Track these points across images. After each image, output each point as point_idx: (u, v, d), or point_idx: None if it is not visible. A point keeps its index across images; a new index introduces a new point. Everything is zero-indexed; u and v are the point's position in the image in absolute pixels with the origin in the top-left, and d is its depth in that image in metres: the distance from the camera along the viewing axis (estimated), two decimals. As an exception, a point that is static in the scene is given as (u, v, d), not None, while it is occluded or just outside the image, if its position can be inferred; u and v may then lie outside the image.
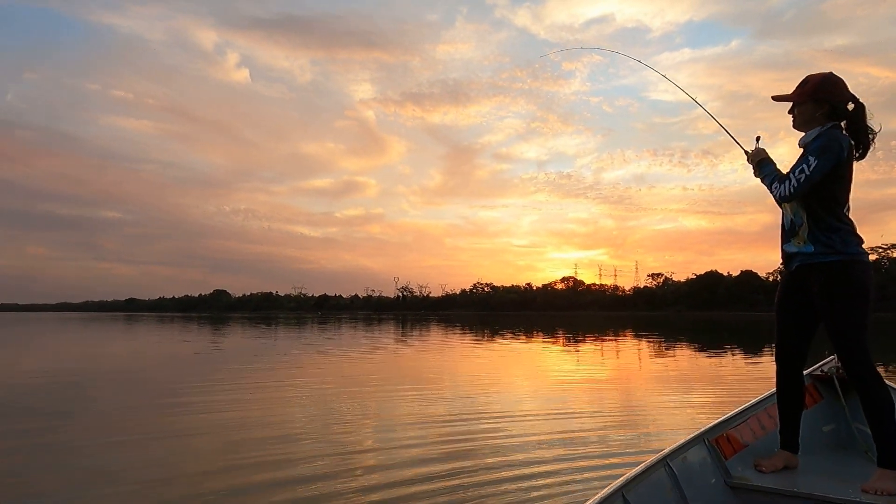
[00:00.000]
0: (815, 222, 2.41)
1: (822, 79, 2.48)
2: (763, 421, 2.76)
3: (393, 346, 18.63)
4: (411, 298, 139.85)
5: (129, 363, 13.21)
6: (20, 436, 5.53)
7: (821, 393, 3.08)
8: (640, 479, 2.09)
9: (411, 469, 4.28)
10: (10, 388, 8.86)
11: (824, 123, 2.46)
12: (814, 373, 3.11)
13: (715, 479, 2.38)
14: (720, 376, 10.08)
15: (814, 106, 2.47)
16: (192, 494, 3.77)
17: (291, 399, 7.71)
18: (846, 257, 2.35)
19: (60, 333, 28.87)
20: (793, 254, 2.52)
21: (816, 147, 2.38)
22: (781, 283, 2.64)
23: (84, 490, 3.88)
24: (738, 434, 2.62)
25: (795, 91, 2.54)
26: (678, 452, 2.33)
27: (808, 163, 2.36)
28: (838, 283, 2.35)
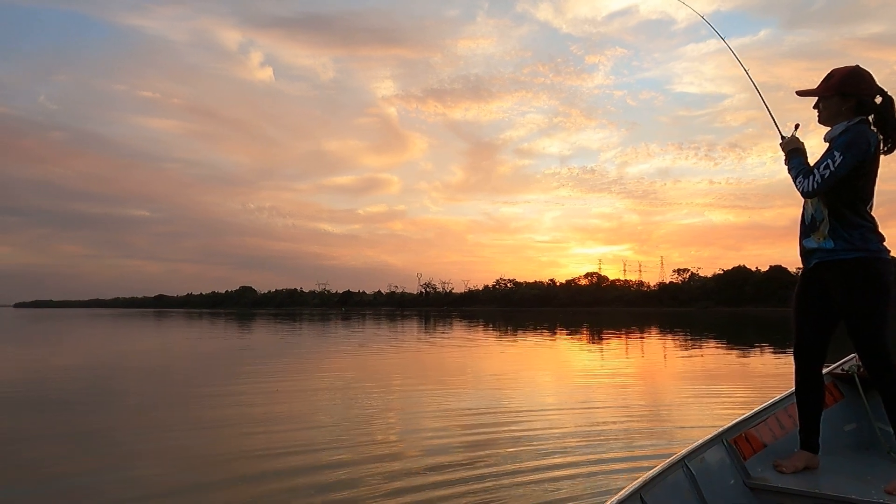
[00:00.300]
0: (836, 218, 2.37)
1: (848, 72, 2.43)
2: (782, 420, 2.72)
3: (416, 342, 18.74)
4: (434, 295, 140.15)
5: (160, 358, 13.54)
6: (58, 426, 5.75)
7: (841, 392, 3.03)
8: (658, 480, 2.07)
9: (434, 460, 4.34)
10: (49, 382, 9.16)
11: (851, 118, 2.40)
12: (834, 371, 3.06)
13: (734, 480, 2.35)
14: (747, 374, 9.93)
15: (840, 100, 2.41)
16: (221, 483, 3.89)
17: (317, 393, 7.84)
18: (867, 254, 2.31)
19: (94, 329, 29.67)
20: (812, 250, 2.47)
21: (842, 142, 2.33)
22: (800, 281, 2.60)
23: (116, 475, 4.03)
24: (757, 434, 2.58)
25: (821, 85, 2.49)
26: (696, 453, 2.30)
27: (833, 158, 2.31)
28: (859, 281, 2.31)
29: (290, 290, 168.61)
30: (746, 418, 2.61)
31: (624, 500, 1.86)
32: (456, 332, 25.30)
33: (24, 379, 9.56)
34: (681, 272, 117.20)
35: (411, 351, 15.29)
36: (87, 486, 3.89)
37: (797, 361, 2.60)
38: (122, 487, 3.85)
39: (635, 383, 8.89)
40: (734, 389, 8.04)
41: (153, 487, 3.85)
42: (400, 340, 19.80)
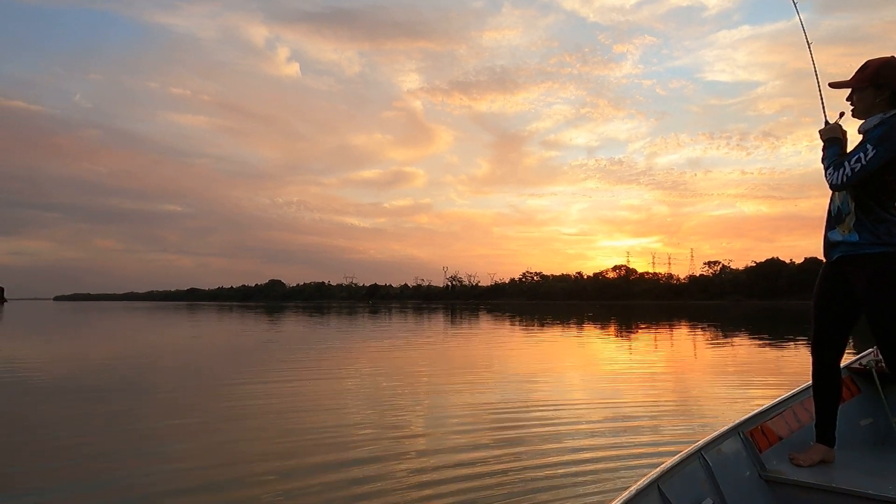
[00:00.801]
0: (863, 212, 2.34)
1: (883, 62, 2.38)
2: (799, 414, 2.72)
3: (443, 335, 18.82)
4: (460, 288, 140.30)
5: (196, 349, 13.88)
6: (95, 415, 5.97)
7: (858, 386, 3.02)
8: (675, 470, 2.08)
9: (461, 453, 4.39)
10: (91, 372, 9.48)
11: (886, 110, 2.35)
12: (851, 366, 3.03)
13: (749, 472, 2.35)
14: (779, 368, 9.73)
15: (874, 92, 2.37)
16: (250, 473, 3.99)
17: (346, 385, 7.95)
18: (892, 249, 2.28)
19: (132, 322, 30.54)
20: (837, 242, 2.44)
21: (876, 135, 2.28)
22: (821, 273, 2.57)
23: (151, 462, 4.17)
24: (773, 427, 2.58)
25: (855, 76, 2.44)
26: (713, 444, 2.31)
27: (865, 151, 2.27)
28: (883, 276, 2.28)
29: (318, 284, 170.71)
30: (763, 411, 2.61)
31: (641, 490, 1.88)
32: (483, 326, 25.32)
33: (68, 368, 9.91)
34: (711, 265, 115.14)
35: (438, 344, 15.37)
36: (124, 472, 4.03)
37: (815, 355, 2.59)
38: (157, 474, 3.98)
39: (663, 377, 8.80)
40: (765, 383, 7.89)
41: (186, 474, 3.98)
42: (427, 333, 19.91)
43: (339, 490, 3.65)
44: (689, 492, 2.07)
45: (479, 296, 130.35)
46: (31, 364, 10.86)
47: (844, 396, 2.81)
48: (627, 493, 1.84)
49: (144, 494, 3.63)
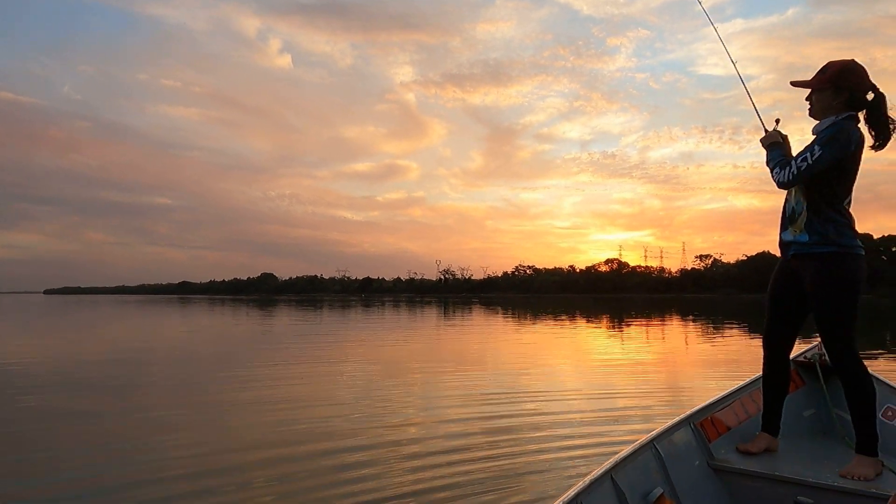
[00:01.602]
0: (813, 212, 2.41)
1: (843, 66, 2.42)
2: (747, 405, 2.82)
3: (436, 328, 18.88)
4: (453, 281, 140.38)
5: (188, 343, 13.87)
6: (96, 404, 5.98)
7: (803, 378, 3.13)
8: (628, 461, 2.16)
9: (447, 440, 4.45)
10: (85, 365, 9.47)
11: (840, 112, 2.40)
12: (797, 359, 3.15)
13: (699, 461, 2.45)
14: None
15: (833, 94, 2.41)
16: (243, 464, 4.03)
17: (338, 377, 7.99)
18: (840, 249, 2.36)
19: (123, 315, 30.39)
20: (789, 242, 2.52)
21: (825, 136, 2.34)
22: (776, 270, 2.66)
23: (141, 453, 4.21)
24: (722, 418, 2.68)
25: (815, 77, 2.48)
26: (665, 435, 2.40)
27: (812, 151, 2.34)
28: (830, 274, 2.36)
29: (311, 277, 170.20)
30: (713, 402, 2.72)
31: (595, 480, 1.95)
32: (475, 319, 25.40)
33: (63, 362, 9.89)
34: (703, 258, 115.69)
35: (431, 337, 15.42)
36: (112, 463, 4.08)
37: (766, 348, 2.68)
38: (149, 461, 4.03)
39: (653, 369, 8.89)
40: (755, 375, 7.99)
41: (179, 462, 4.02)
42: (420, 326, 19.96)
43: (331, 476, 3.70)
44: (641, 481, 2.15)
45: (472, 289, 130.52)
46: (19, 360, 10.81)
47: (789, 388, 2.92)
48: (581, 483, 1.90)
49: (134, 482, 3.66)
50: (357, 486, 3.52)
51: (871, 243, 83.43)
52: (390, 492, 3.38)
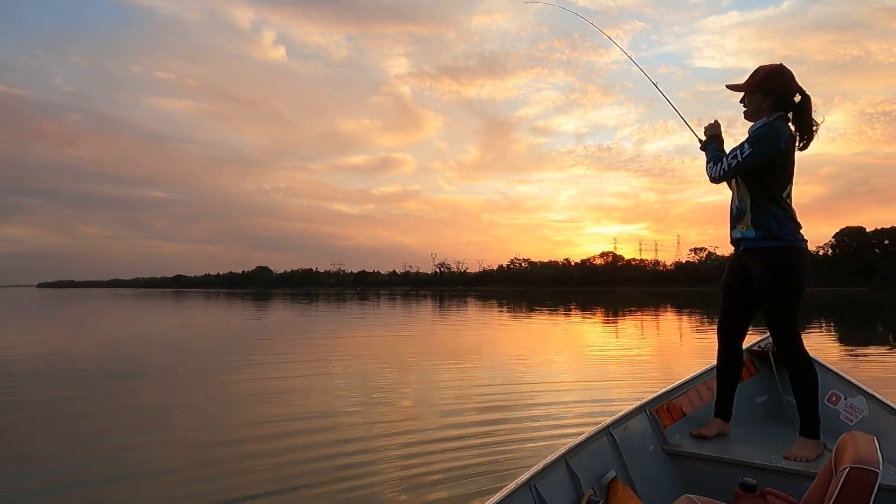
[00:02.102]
0: (757, 209, 2.54)
1: (770, 70, 2.55)
2: (702, 393, 2.94)
3: (431, 321, 18.88)
4: (448, 274, 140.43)
5: (183, 336, 13.82)
6: (96, 396, 5.97)
7: (757, 367, 3.27)
8: (583, 446, 2.23)
9: (447, 430, 4.46)
10: (84, 358, 9.42)
11: (771, 114, 2.53)
12: (751, 348, 3.28)
13: (653, 447, 2.54)
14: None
15: (761, 97, 2.55)
16: (238, 453, 4.02)
17: (334, 369, 7.97)
18: (783, 243, 2.49)
19: (115, 309, 30.27)
20: (738, 238, 2.64)
21: (754, 136, 2.48)
22: (728, 264, 2.80)
23: (145, 440, 4.21)
24: (677, 404, 2.80)
25: (747, 81, 2.60)
26: (620, 422, 2.48)
27: (742, 150, 2.48)
28: (774, 267, 2.50)
29: (306, 270, 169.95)
30: (669, 390, 2.82)
31: (549, 465, 2.01)
32: (470, 312, 25.42)
33: (57, 355, 9.84)
34: (698, 251, 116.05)
35: (427, 329, 15.42)
36: (123, 449, 4.07)
37: (720, 338, 2.81)
38: (144, 450, 4.02)
39: (646, 361, 8.91)
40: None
41: (184, 450, 4.01)
42: (415, 319, 19.96)
43: (326, 463, 3.71)
44: (595, 465, 2.22)
45: (468, 282, 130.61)
46: (13, 353, 10.75)
47: (743, 376, 3.06)
48: (536, 467, 1.95)
49: (131, 474, 3.65)
50: (351, 472, 3.53)
51: (864, 237, 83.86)
52: (381, 477, 3.38)
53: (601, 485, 2.16)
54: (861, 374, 7.50)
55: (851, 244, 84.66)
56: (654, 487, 2.39)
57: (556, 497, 1.95)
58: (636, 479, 2.36)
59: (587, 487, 2.09)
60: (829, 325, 16.23)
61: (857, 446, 1.50)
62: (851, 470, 1.37)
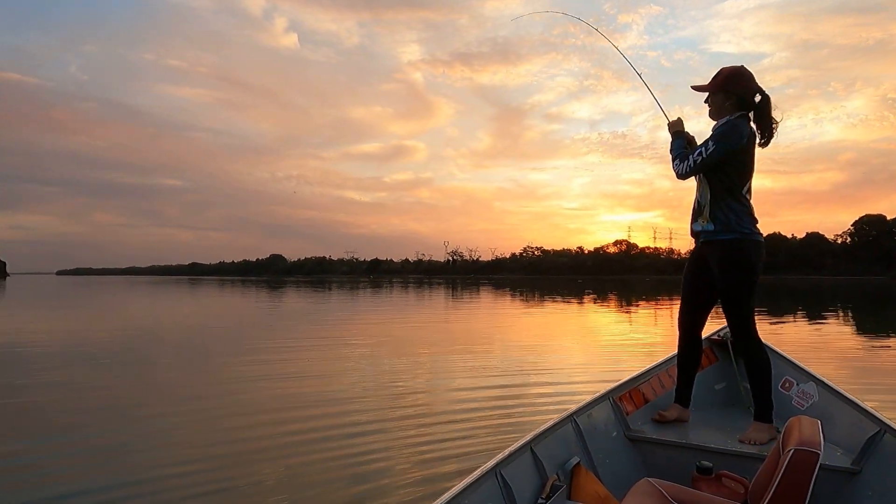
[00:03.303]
0: (716, 203, 2.64)
1: (732, 72, 2.67)
2: (663, 380, 3.06)
3: (444, 309, 18.91)
4: (461, 262, 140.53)
5: (201, 322, 13.97)
6: (103, 380, 6.07)
7: (716, 355, 3.40)
8: (548, 433, 2.29)
9: (460, 415, 4.47)
10: (96, 342, 9.56)
11: (733, 113, 2.65)
12: (711, 337, 3.41)
13: (616, 433, 2.64)
14: (778, 343, 9.77)
15: (723, 96, 2.66)
16: (257, 437, 4.05)
17: (348, 356, 8.00)
18: (740, 236, 2.60)
19: (135, 296, 30.68)
20: (698, 231, 2.74)
21: (717, 134, 2.60)
22: (689, 257, 2.90)
23: (150, 422, 4.26)
24: (640, 392, 2.91)
25: (711, 82, 2.71)
26: (585, 409, 2.57)
27: (706, 147, 2.59)
28: (731, 259, 2.62)
29: (319, 258, 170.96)
30: (632, 378, 2.93)
31: (514, 452, 2.06)
32: (483, 300, 25.42)
33: (78, 339, 10.00)
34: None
35: (439, 317, 15.45)
36: (128, 435, 4.14)
37: (680, 327, 2.92)
38: (160, 433, 4.08)
39: (658, 349, 8.84)
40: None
41: (192, 434, 4.07)
42: (428, 307, 20.00)
43: (341, 447, 3.73)
44: (559, 452, 2.29)
45: (480, 270, 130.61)
46: (33, 337, 10.93)
47: (704, 364, 3.19)
48: (502, 454, 2.01)
49: (146, 450, 3.72)
50: (365, 457, 3.56)
51: (884, 224, 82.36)
52: (392, 462, 3.39)
53: (565, 470, 2.23)
54: (881, 364, 7.40)
55: (871, 232, 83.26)
56: (616, 472, 2.48)
57: (520, 483, 2.00)
58: (599, 464, 2.44)
59: (551, 473, 2.15)
60: (845, 315, 16.02)
61: (802, 429, 1.57)
62: (795, 452, 1.45)
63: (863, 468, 2.24)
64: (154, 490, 3.21)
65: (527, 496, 2.01)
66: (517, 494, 1.93)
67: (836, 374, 6.39)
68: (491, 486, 1.89)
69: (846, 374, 6.55)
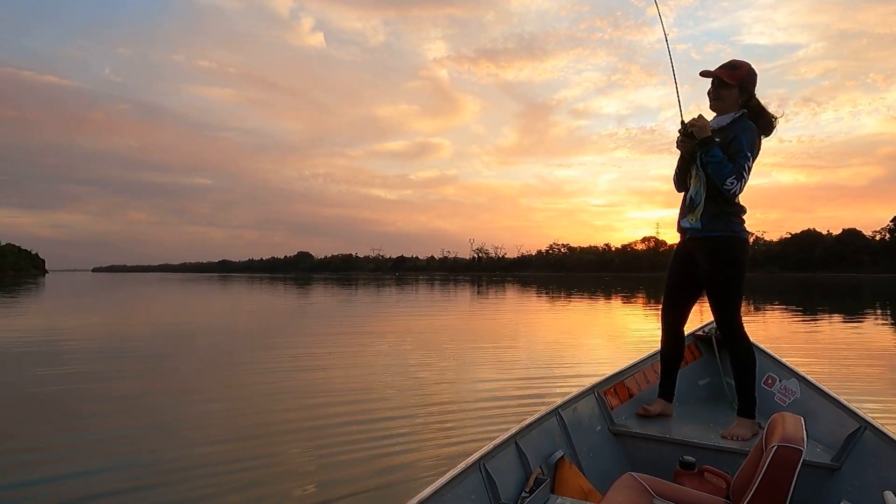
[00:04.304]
0: (710, 202, 2.62)
1: (750, 69, 2.62)
2: (648, 375, 3.09)
3: (469, 306, 18.92)
4: (486, 260, 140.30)
5: (234, 317, 14.26)
6: (139, 371, 6.26)
7: (700, 351, 3.42)
8: (533, 427, 2.30)
9: (483, 409, 4.49)
10: (133, 336, 9.84)
11: (737, 111, 2.61)
12: (696, 333, 3.44)
13: (600, 427, 2.66)
14: (813, 342, 9.54)
15: (738, 92, 2.60)
16: (280, 428, 4.13)
17: (375, 350, 8.08)
18: (728, 234, 2.60)
19: (170, 292, 31.44)
20: (685, 228, 2.75)
21: (748, 142, 2.51)
22: (674, 252, 2.90)
23: (183, 412, 4.38)
24: (624, 387, 2.93)
25: (727, 72, 2.59)
26: (570, 403, 2.58)
27: (745, 158, 2.49)
28: (719, 255, 2.62)
29: (346, 256, 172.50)
30: (617, 373, 2.95)
31: (499, 445, 2.07)
32: (509, 297, 25.36)
33: (117, 333, 10.30)
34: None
35: (465, 314, 15.47)
36: (173, 409, 4.28)
37: (664, 322, 2.93)
38: (192, 417, 4.20)
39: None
40: (800, 359, 7.75)
41: (222, 422, 4.17)
42: (454, 304, 20.04)
43: (367, 439, 3.78)
44: (543, 446, 2.30)
45: (506, 268, 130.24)
46: (79, 332, 11.29)
47: (688, 359, 3.23)
48: (486, 447, 2.02)
49: (184, 430, 3.83)
50: (387, 441, 3.62)
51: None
52: (414, 454, 3.44)
53: (549, 464, 2.25)
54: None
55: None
56: (599, 466, 2.50)
57: (504, 476, 2.01)
58: (583, 458, 2.46)
59: (535, 466, 2.16)
60: (884, 314, 15.53)
61: (785, 426, 1.57)
62: (779, 448, 1.46)
63: (843, 464, 2.26)
64: (191, 465, 3.38)
65: (511, 490, 2.02)
66: (501, 488, 1.94)
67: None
68: (475, 480, 1.89)
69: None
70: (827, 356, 7.74)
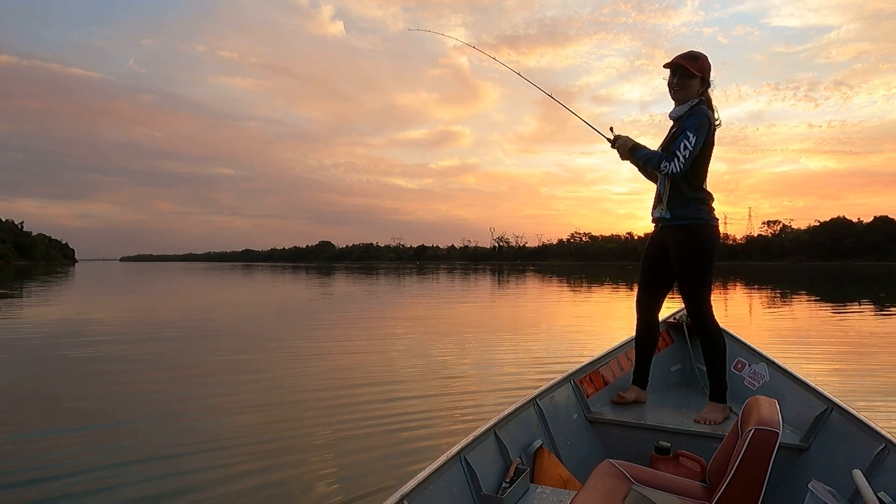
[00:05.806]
0: (676, 194, 2.70)
1: (706, 59, 2.71)
2: (622, 363, 3.14)
3: (490, 295, 18.92)
4: (507, 249, 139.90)
5: (260, 304, 14.48)
6: (170, 355, 6.44)
7: (672, 338, 3.47)
8: (511, 417, 2.33)
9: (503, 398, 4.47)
10: (163, 322, 10.07)
11: (693, 98, 2.70)
12: (668, 320, 3.49)
13: (577, 415, 2.71)
14: (842, 332, 9.35)
15: (699, 82, 2.69)
16: (310, 411, 4.19)
17: (396, 339, 8.14)
18: (697, 221, 2.67)
19: (197, 281, 32.01)
20: (657, 218, 2.81)
21: (693, 124, 2.60)
22: (647, 242, 2.96)
23: (208, 392, 4.48)
24: (599, 375, 2.99)
25: (689, 63, 2.67)
26: (546, 393, 2.62)
27: (688, 139, 2.58)
28: (688, 244, 2.68)
29: (367, 245, 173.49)
30: (592, 362, 3.01)
31: (479, 436, 2.10)
32: (530, 286, 25.28)
33: (146, 318, 10.55)
34: (771, 224, 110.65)
35: (486, 303, 15.48)
36: (188, 407, 4.38)
37: (638, 310, 3.00)
38: (218, 403, 4.29)
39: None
40: (827, 349, 7.61)
41: (247, 405, 4.25)
42: (474, 293, 20.06)
43: (387, 425, 3.84)
44: (522, 435, 2.34)
45: (527, 257, 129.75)
46: (112, 317, 11.58)
47: (661, 346, 3.28)
48: (466, 439, 2.04)
49: (210, 413, 3.92)
50: (405, 423, 3.68)
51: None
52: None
53: (528, 453, 2.29)
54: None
55: (947, 216, 77.91)
56: (577, 454, 2.55)
57: (485, 467, 2.04)
58: (561, 446, 2.51)
59: (515, 456, 2.21)
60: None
61: (761, 409, 1.60)
62: (756, 431, 1.49)
63: (811, 445, 2.32)
64: (215, 448, 3.51)
65: (491, 480, 2.05)
66: (482, 479, 1.97)
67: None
68: (456, 472, 1.92)
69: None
70: (858, 351, 7.57)
